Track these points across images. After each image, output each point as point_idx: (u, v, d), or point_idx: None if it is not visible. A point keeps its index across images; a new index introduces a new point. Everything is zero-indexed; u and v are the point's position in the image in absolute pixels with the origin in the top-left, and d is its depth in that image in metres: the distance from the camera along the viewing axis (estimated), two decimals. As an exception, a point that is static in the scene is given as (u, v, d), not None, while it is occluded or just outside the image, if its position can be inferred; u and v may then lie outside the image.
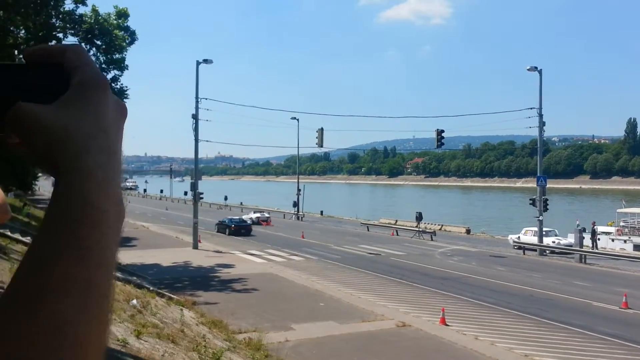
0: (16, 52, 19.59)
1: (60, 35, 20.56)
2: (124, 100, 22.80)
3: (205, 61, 32.13)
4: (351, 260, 26.14)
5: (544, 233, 31.25)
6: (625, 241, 33.03)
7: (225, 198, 71.53)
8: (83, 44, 20.99)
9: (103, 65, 21.51)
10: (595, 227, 32.42)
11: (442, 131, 36.26)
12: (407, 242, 34.97)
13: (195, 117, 31.90)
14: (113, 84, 22.17)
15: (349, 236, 37.60)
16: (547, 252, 30.57)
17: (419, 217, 39.53)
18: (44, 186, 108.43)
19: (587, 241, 30.64)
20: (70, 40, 21.19)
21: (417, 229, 38.68)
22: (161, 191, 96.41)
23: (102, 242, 0.43)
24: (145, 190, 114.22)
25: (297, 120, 54.45)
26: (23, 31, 19.54)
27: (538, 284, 21.19)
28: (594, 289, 20.10)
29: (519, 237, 32.85)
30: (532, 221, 32.25)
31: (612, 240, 33.73)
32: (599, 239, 32.39)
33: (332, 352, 12.40)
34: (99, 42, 20.79)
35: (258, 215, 47.73)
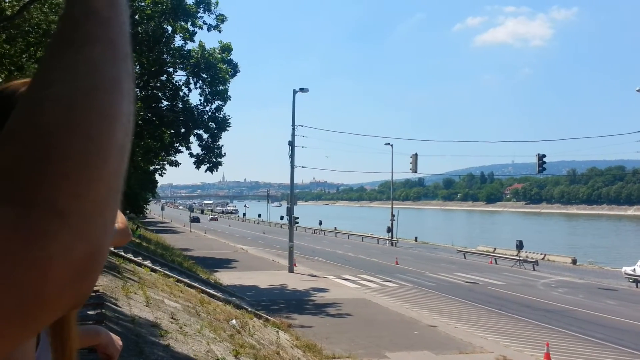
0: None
1: (171, 69, 22.16)
2: (227, 128, 24.07)
3: (302, 90, 33.05)
4: (447, 289, 25.48)
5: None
6: None
7: (320, 223, 72.40)
8: (190, 77, 22.51)
9: (208, 97, 22.89)
10: None
11: (544, 156, 34.76)
12: (506, 272, 33.54)
13: (291, 144, 32.81)
14: (216, 114, 23.47)
15: (444, 263, 36.70)
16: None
17: (520, 245, 37.84)
18: (154, 210, 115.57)
19: None
20: (179, 74, 22.79)
21: (517, 258, 37.02)
22: (259, 215, 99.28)
23: (118, 17, 0.48)
24: (244, 214, 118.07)
25: (391, 145, 54.45)
26: (138, 66, 21.20)
27: (654, 320, 19.55)
28: None
29: (634, 269, 30.47)
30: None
31: None
32: None
33: (427, 383, 12.14)
34: (204, 75, 22.16)
35: (212, 215, 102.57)
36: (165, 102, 23.15)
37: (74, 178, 0.40)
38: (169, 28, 21.16)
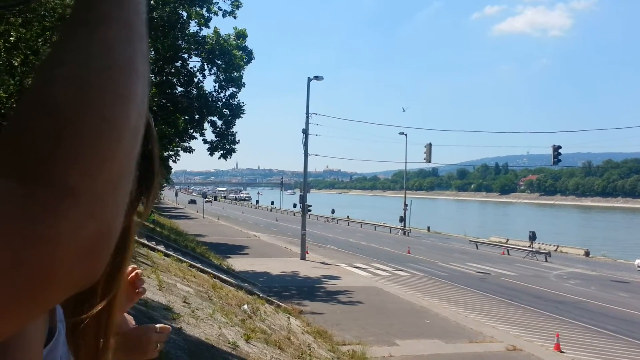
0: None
1: (185, 55, 22.18)
2: (241, 115, 24.11)
3: (316, 77, 32.92)
4: (458, 279, 25.47)
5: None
6: None
7: (333, 211, 72.45)
8: (205, 64, 22.53)
9: (222, 84, 22.91)
10: None
11: (559, 147, 34.43)
12: (518, 263, 33.41)
13: (305, 132, 32.78)
14: (231, 101, 23.50)
15: (456, 253, 36.63)
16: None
17: (533, 237, 37.62)
18: (168, 195, 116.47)
19: None
20: (194, 60, 22.82)
21: (530, 249, 36.83)
22: (272, 203, 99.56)
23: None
24: (257, 202, 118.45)
25: (406, 135, 54.21)
26: (153, 52, 21.26)
27: (667, 313, 19.42)
28: None
29: (647, 261, 30.31)
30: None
31: None
32: None
33: (436, 371, 12.19)
34: (219, 62, 22.16)
35: (207, 199, 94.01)
36: (179, 88, 23.20)
37: (86, 157, 0.40)
38: (184, 14, 21.14)
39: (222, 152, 24.32)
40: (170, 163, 43.35)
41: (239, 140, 24.57)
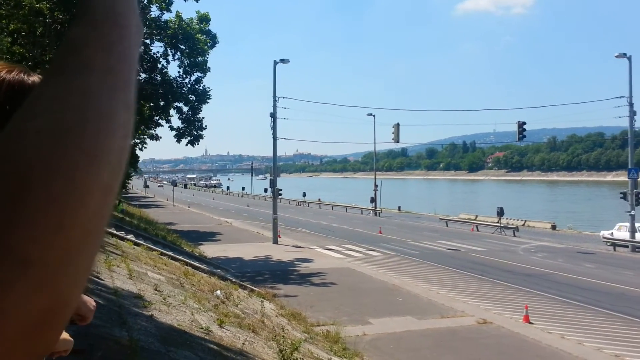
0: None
1: (148, 40, 21.72)
2: (208, 101, 23.79)
3: (283, 61, 32.68)
4: (429, 256, 25.84)
5: (640, 228, 29.48)
6: None
7: (304, 195, 72.49)
8: (168, 49, 22.10)
9: (187, 69, 22.54)
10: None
11: (524, 123, 35.04)
12: (487, 238, 34.05)
13: (273, 116, 32.58)
14: (196, 86, 23.16)
15: (427, 232, 37.11)
16: (644, 248, 28.77)
17: (500, 212, 38.33)
18: (137, 185, 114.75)
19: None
20: (156, 45, 22.37)
21: (498, 225, 37.55)
22: (243, 188, 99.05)
23: (123, 40, 0.44)
24: (228, 188, 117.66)
25: (374, 116, 54.29)
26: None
27: (629, 281, 20.07)
28: (694, 288, 18.77)
29: (611, 233, 31.12)
30: (624, 216, 30.51)
31: None
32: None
33: (410, 348, 12.35)
34: (182, 47, 21.77)
35: (159, 184, 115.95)
36: (142, 75, 22.74)
37: (43, 222, 0.35)
38: (145, -2, 20.68)
39: (189, 138, 24.02)
40: (137, 151, 42.62)
41: (206, 126, 24.29)
